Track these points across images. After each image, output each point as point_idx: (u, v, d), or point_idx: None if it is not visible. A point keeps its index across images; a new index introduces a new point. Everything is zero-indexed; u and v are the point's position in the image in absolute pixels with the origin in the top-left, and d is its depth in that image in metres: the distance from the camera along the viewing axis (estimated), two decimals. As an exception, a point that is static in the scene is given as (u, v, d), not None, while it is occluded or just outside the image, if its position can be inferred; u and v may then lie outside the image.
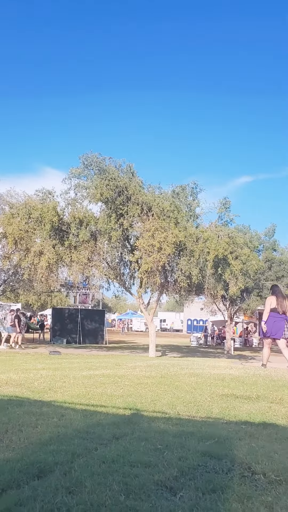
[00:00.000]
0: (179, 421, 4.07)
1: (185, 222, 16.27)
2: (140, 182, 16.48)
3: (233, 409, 4.58)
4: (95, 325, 26.83)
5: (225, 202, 17.72)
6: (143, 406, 4.69)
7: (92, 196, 15.45)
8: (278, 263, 24.47)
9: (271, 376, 7.46)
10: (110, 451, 3.12)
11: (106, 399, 5.10)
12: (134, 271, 17.54)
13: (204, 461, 2.92)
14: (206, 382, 6.50)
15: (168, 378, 6.82)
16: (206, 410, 4.55)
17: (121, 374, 7.33)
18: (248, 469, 2.77)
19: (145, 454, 3.05)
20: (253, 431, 3.71)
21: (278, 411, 4.57)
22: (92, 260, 16.32)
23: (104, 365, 9.86)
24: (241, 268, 16.50)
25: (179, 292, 19.17)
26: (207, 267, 15.98)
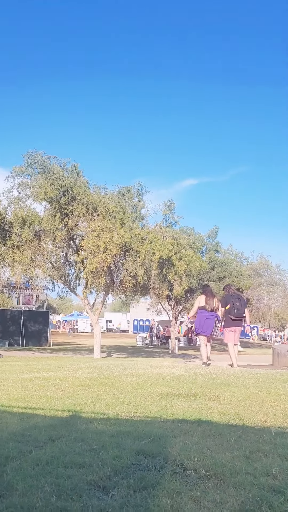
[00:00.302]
0: (117, 421, 4.10)
1: (131, 223, 16.36)
2: (86, 182, 16.41)
3: (171, 408, 4.67)
4: (39, 327, 26.35)
5: (170, 204, 18.04)
6: (82, 408, 4.68)
7: (36, 195, 15.20)
8: (220, 264, 25.18)
9: (211, 374, 7.67)
10: (45, 453, 3.10)
11: (45, 402, 5.04)
12: (79, 271, 17.44)
13: (138, 459, 2.97)
14: (147, 382, 6.57)
15: (110, 379, 6.83)
16: (144, 409, 4.61)
17: (62, 376, 7.26)
18: (180, 466, 2.84)
19: (80, 455, 3.05)
20: (188, 428, 3.80)
21: (214, 408, 4.71)
22: (36, 260, 16.03)
23: (46, 367, 9.71)
24: (185, 268, 16.84)
25: (124, 292, 19.24)
26: (152, 268, 16.16)
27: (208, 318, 9.28)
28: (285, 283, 32.29)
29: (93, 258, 15.05)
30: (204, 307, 9.31)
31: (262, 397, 5.41)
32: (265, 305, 31.33)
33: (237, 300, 9.35)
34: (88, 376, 7.25)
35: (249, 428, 3.91)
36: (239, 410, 4.62)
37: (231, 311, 9.28)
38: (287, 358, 14.55)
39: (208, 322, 9.28)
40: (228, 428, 3.86)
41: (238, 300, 9.35)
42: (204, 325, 9.30)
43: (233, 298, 9.39)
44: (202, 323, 9.33)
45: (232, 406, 4.83)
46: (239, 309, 9.27)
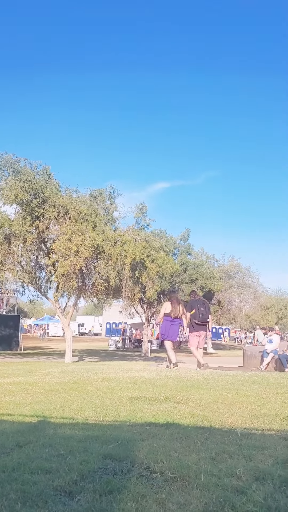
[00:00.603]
0: (86, 426, 4.11)
1: (103, 225, 16.35)
2: (57, 184, 16.31)
3: (140, 411, 4.70)
4: (9, 331, 25.94)
5: (142, 207, 18.13)
6: (51, 413, 4.65)
7: (6, 198, 14.99)
8: (192, 266, 25.42)
9: (181, 377, 7.73)
10: (11, 460, 3.07)
11: (14, 407, 4.99)
12: (50, 274, 17.27)
13: (105, 463, 2.98)
14: (118, 386, 6.58)
15: (80, 384, 6.81)
16: (113, 413, 4.63)
17: (32, 382, 7.19)
18: (146, 469, 2.87)
19: (47, 461, 3.04)
20: (156, 431, 3.84)
21: (183, 411, 4.76)
22: (6, 264, 15.78)
23: (16, 372, 9.59)
24: (157, 271, 16.95)
25: (96, 295, 19.17)
26: (125, 270, 16.18)
27: (173, 324, 9.55)
28: (255, 285, 32.91)
29: (64, 261, 14.95)
30: (169, 313, 9.54)
31: (231, 399, 5.51)
32: (236, 307, 31.81)
33: (201, 305, 9.63)
34: (58, 381, 7.21)
35: (216, 430, 3.97)
36: (207, 412, 4.69)
37: (196, 316, 9.53)
38: (257, 359, 14.83)
39: (173, 328, 9.54)
40: (195, 430, 3.92)
41: (202, 306, 9.63)
42: (169, 331, 9.55)
43: (198, 304, 9.67)
44: (168, 329, 9.57)
45: (201, 409, 4.90)
46: (204, 314, 9.55)
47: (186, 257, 26.22)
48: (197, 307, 9.56)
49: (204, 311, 9.55)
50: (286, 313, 51.65)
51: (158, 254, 17.38)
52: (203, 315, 9.53)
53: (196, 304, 9.67)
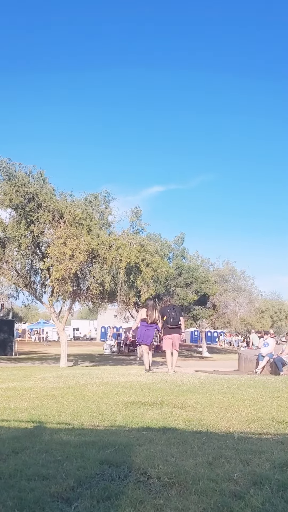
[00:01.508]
0: (82, 431, 4.09)
1: (98, 229, 16.35)
2: (52, 189, 16.31)
3: (137, 416, 4.69)
4: (4, 336, 25.79)
5: (137, 211, 18.15)
6: (47, 418, 4.63)
7: (0, 202, 14.97)
8: (187, 270, 25.42)
9: (177, 381, 7.73)
10: (7, 467, 3.05)
11: (9, 413, 4.96)
12: (45, 279, 17.25)
13: (103, 469, 2.97)
14: (113, 390, 6.56)
15: (76, 389, 6.78)
16: (110, 418, 4.61)
17: (27, 387, 7.16)
18: (144, 474, 2.86)
19: (44, 467, 3.02)
20: (153, 436, 3.83)
21: (179, 415, 4.76)
22: (0, 268, 15.74)
23: (11, 377, 9.54)
24: (152, 275, 16.94)
25: (91, 299, 19.15)
26: (120, 274, 16.19)
27: (148, 329, 10.09)
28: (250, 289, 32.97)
29: (59, 265, 14.93)
30: (145, 319, 10.12)
31: (227, 403, 5.51)
32: (231, 311, 31.84)
33: (172, 310, 10.28)
34: (54, 386, 7.17)
35: (213, 434, 3.97)
36: (204, 417, 4.69)
37: (168, 321, 10.16)
38: (253, 363, 14.84)
39: (148, 333, 10.08)
40: (192, 435, 3.92)
41: (173, 311, 10.28)
42: (144, 335, 10.11)
43: (169, 309, 10.33)
44: (143, 333, 10.13)
45: (197, 413, 4.89)
46: (175, 318, 10.16)
47: (181, 261, 26.23)
48: (168, 312, 10.19)
49: (175, 315, 10.15)
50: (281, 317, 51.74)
51: (153, 258, 17.37)
52: (174, 319, 10.12)
53: (167, 310, 10.31)
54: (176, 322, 10.16)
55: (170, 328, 10.13)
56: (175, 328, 10.18)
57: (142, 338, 10.12)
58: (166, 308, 10.38)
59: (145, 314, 10.10)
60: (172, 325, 10.13)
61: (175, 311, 10.28)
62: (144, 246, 16.98)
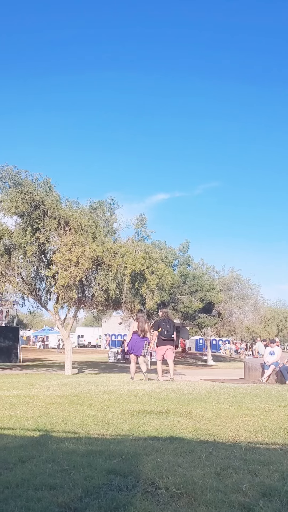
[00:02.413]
0: (89, 440, 4.07)
1: (103, 237, 16.38)
2: (58, 196, 16.38)
3: (143, 425, 4.66)
4: (9, 343, 25.78)
5: (142, 219, 18.17)
6: (53, 427, 4.61)
7: (6, 209, 15.04)
8: (192, 277, 25.36)
9: (183, 390, 7.69)
10: (14, 476, 3.04)
11: (15, 421, 4.94)
12: (50, 286, 17.25)
13: (110, 479, 2.95)
14: (119, 399, 6.54)
15: (81, 397, 6.76)
16: (116, 427, 4.59)
17: (33, 394, 7.14)
18: (151, 484, 2.84)
19: (51, 476, 3.01)
20: (160, 446, 3.80)
21: (186, 424, 4.73)
22: (6, 275, 15.77)
23: (16, 385, 9.53)
24: (157, 282, 16.91)
25: (96, 307, 19.15)
26: (124, 282, 16.17)
27: (139, 341, 10.73)
28: (256, 297, 32.83)
29: (64, 272, 14.95)
30: (136, 331, 10.78)
31: (233, 412, 5.47)
32: (236, 319, 31.69)
33: (167, 323, 10.73)
34: (59, 394, 7.15)
35: (220, 444, 3.94)
36: (211, 426, 4.66)
37: (162, 333, 10.64)
38: (258, 371, 14.75)
39: (138, 344, 10.73)
40: (199, 444, 3.89)
41: (168, 324, 10.73)
42: (135, 346, 10.76)
43: (164, 322, 10.78)
44: (133, 345, 10.79)
45: (204, 422, 4.86)
46: (168, 331, 10.63)
47: (186, 269, 26.18)
48: (163, 325, 10.67)
49: (169, 328, 10.63)
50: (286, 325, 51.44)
51: (157, 265, 17.36)
52: (167, 332, 10.60)
53: (162, 322, 10.78)
54: (169, 335, 10.63)
55: (163, 340, 10.62)
56: (168, 340, 10.67)
57: (132, 349, 10.82)
58: (162, 321, 10.87)
59: (137, 326, 10.81)
60: (166, 337, 10.61)
61: (169, 324, 10.75)
62: (149, 254, 16.98)
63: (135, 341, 10.73)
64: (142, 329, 10.73)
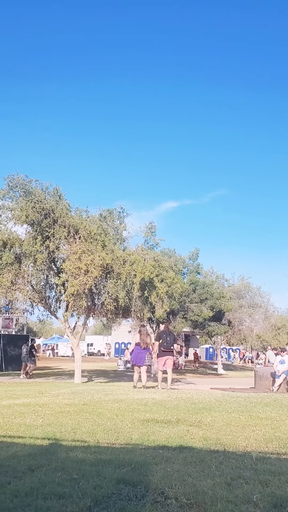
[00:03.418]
0: (98, 449, 4.05)
1: (112, 245, 16.40)
2: (67, 205, 16.45)
3: (153, 434, 4.64)
4: (19, 351, 25.80)
5: (151, 227, 18.19)
6: (63, 436, 4.60)
7: (17, 218, 15.14)
8: (202, 285, 25.25)
9: (193, 399, 7.64)
10: (24, 484, 3.04)
11: (25, 430, 4.94)
12: (60, 294, 17.30)
13: (119, 488, 2.93)
14: (128, 407, 6.51)
15: (90, 405, 6.75)
16: (126, 436, 4.56)
17: (42, 403, 7.14)
18: (161, 494, 2.82)
19: (60, 485, 3.00)
20: (169, 455, 3.77)
21: (196, 434, 4.69)
22: (16, 283, 15.83)
23: (26, 393, 9.54)
24: (166, 290, 16.87)
25: (106, 315, 19.11)
26: (134, 290, 16.14)
27: (141, 352, 11.44)
28: (266, 305, 32.57)
29: (74, 280, 14.97)
30: (139, 343, 11.49)
31: (244, 421, 5.42)
32: (247, 327, 31.44)
33: (167, 336, 11.46)
34: (68, 403, 7.15)
35: (230, 453, 3.90)
36: (221, 436, 4.61)
37: (162, 345, 11.35)
38: (269, 380, 14.61)
39: (140, 356, 11.43)
40: (209, 454, 3.85)
41: (168, 336, 11.46)
42: (137, 358, 11.48)
43: (164, 334, 11.52)
44: (136, 356, 11.53)
45: (214, 432, 4.82)
46: (168, 343, 11.34)
47: (196, 277, 26.07)
48: (163, 337, 11.40)
49: (169, 340, 11.34)
50: (297, 333, 50.91)
51: (167, 273, 17.32)
52: (167, 344, 11.31)
53: (163, 334, 11.54)
54: (169, 346, 11.35)
55: (163, 351, 11.33)
56: (167, 351, 11.37)
57: (135, 360, 11.55)
58: (162, 333, 11.62)
59: (139, 339, 11.54)
60: (165, 348, 11.31)
61: (170, 336, 11.48)
62: (159, 262, 16.96)
63: (138, 352, 11.46)
64: (144, 341, 11.47)
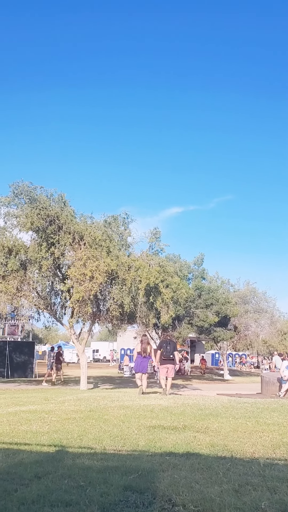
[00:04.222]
0: (105, 456, 4.03)
1: (117, 251, 16.39)
2: (72, 211, 16.48)
3: (159, 441, 4.61)
4: (24, 358, 25.82)
5: (156, 232, 18.16)
6: (69, 442, 4.59)
7: (22, 225, 15.19)
8: (207, 291, 25.18)
9: (199, 405, 7.60)
10: (30, 492, 3.03)
11: (31, 437, 4.93)
12: (65, 300, 17.29)
13: (126, 495, 2.92)
14: (135, 414, 6.49)
15: (97, 412, 6.73)
16: (132, 443, 4.55)
17: (48, 410, 7.13)
18: (168, 501, 2.80)
19: (67, 493, 2.99)
20: (176, 462, 3.75)
21: (203, 440, 4.66)
22: (21, 290, 15.86)
23: (32, 400, 9.53)
24: (172, 296, 16.82)
25: (111, 321, 19.07)
26: (139, 296, 16.10)
27: (143, 360, 12.25)
28: (272, 310, 32.43)
29: (79, 286, 14.97)
30: (140, 352, 12.26)
31: (251, 427, 5.38)
32: (252, 333, 31.29)
33: (168, 345, 12.08)
34: (74, 409, 7.13)
35: (237, 460, 3.88)
36: (228, 442, 4.59)
37: (162, 353, 12.02)
38: (276, 386, 14.52)
39: (142, 364, 12.21)
40: (216, 460, 3.83)
41: (168, 345, 12.07)
42: (139, 365, 12.27)
43: (165, 343, 12.14)
44: (138, 364, 12.32)
45: (221, 438, 4.79)
46: (168, 351, 11.97)
47: (201, 282, 26.00)
48: (164, 346, 12.05)
49: (168, 349, 11.95)
50: (304, 338, 50.60)
51: (172, 279, 17.28)
52: (167, 352, 11.95)
53: (163, 344, 12.20)
54: (168, 355, 11.94)
55: (164, 360, 11.95)
56: (168, 359, 11.96)
57: (137, 368, 12.37)
58: (163, 342, 12.32)
59: (140, 348, 12.32)
60: (165, 357, 11.92)
61: (170, 345, 12.07)
62: (164, 267, 16.93)
63: (140, 361, 12.26)
64: (145, 350, 12.26)
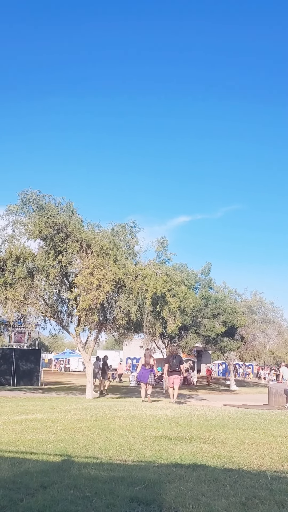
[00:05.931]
0: (111, 466, 4.01)
1: (124, 259, 16.40)
2: (80, 220, 16.55)
3: (165, 452, 4.58)
4: (31, 366, 25.77)
5: (163, 241, 18.17)
6: (75, 452, 4.57)
7: (30, 233, 15.27)
8: (214, 300, 25.07)
9: (205, 415, 7.54)
10: (36, 502, 3.02)
11: (37, 446, 4.92)
12: (72, 308, 17.30)
13: (132, 507, 2.90)
14: (141, 424, 6.45)
15: (103, 421, 6.70)
16: (138, 453, 4.52)
17: (54, 418, 7.11)
18: (175, 514, 2.77)
19: (72, 503, 2.97)
20: (183, 473, 3.72)
21: (209, 451, 4.62)
22: (29, 298, 15.91)
23: (38, 408, 9.51)
24: (178, 305, 16.78)
25: (117, 330, 19.03)
26: (146, 304, 16.08)
27: (146, 372, 13.59)
28: (279, 321, 32.18)
29: (86, 295, 14.98)
30: (144, 364, 13.62)
31: (258, 439, 5.33)
32: (259, 343, 31.06)
33: (174, 358, 13.39)
34: (80, 418, 7.11)
35: (245, 472, 3.84)
36: (235, 454, 4.55)
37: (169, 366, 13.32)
38: (283, 397, 14.38)
39: (144, 375, 13.57)
40: (223, 472, 3.79)
41: (174, 358, 13.37)
42: (142, 376, 13.68)
43: (171, 357, 13.51)
44: (141, 374, 13.80)
45: (228, 449, 4.75)
46: (174, 365, 13.25)
47: (208, 291, 25.89)
48: (170, 360, 13.40)
49: (174, 363, 13.21)
50: (311, 349, 50.09)
51: (179, 288, 17.25)
52: (173, 365, 13.24)
53: (170, 358, 13.62)
54: (174, 368, 13.22)
55: (170, 372, 13.29)
56: (174, 372, 13.24)
57: (140, 378, 13.86)
58: (169, 356, 13.74)
59: (144, 360, 13.69)
60: (171, 369, 13.25)
61: (175, 359, 13.34)
62: (170, 276, 16.91)
63: (143, 372, 13.65)
64: (148, 362, 13.54)
